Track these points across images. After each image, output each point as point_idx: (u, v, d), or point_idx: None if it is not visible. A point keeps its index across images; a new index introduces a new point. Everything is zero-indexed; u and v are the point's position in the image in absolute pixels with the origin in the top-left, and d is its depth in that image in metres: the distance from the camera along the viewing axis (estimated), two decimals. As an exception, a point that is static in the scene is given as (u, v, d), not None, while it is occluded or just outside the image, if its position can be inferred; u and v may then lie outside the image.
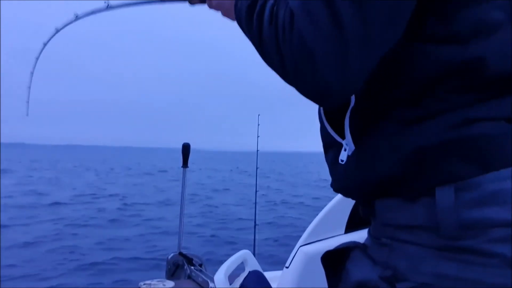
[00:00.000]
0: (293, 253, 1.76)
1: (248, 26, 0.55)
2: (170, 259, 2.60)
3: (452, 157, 0.47)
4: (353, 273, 0.57)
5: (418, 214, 0.50)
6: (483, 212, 0.45)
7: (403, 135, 0.50)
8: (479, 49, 0.48)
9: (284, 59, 0.48)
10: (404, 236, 0.51)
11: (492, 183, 0.45)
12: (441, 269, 0.47)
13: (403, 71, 0.51)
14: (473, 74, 0.48)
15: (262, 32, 0.51)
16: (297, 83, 0.49)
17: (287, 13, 0.47)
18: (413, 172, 0.50)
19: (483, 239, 0.44)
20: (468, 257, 0.45)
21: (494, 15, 0.50)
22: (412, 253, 0.50)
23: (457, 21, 0.49)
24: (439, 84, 0.49)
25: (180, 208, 2.89)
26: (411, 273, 0.49)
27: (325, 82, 0.46)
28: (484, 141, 0.47)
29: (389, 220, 0.54)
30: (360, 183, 0.57)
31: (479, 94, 0.48)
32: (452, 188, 0.47)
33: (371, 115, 0.55)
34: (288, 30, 0.46)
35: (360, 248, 0.59)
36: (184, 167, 2.85)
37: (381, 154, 0.53)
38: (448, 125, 0.48)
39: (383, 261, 0.54)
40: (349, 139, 0.58)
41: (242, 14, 0.56)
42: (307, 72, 0.46)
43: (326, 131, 0.64)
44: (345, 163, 0.59)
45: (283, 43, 0.47)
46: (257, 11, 0.52)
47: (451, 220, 0.46)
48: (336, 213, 1.76)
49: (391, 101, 0.53)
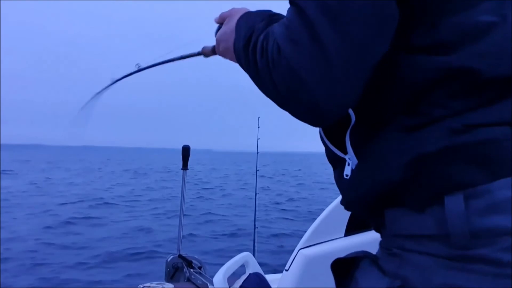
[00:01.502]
0: (293, 256, 1.76)
1: (245, 63, 0.61)
2: (170, 262, 2.59)
3: (459, 164, 0.47)
4: (361, 283, 0.56)
5: (427, 223, 0.49)
6: (494, 220, 0.44)
7: (404, 142, 0.51)
8: (467, 55, 0.48)
9: (276, 86, 0.52)
10: (414, 246, 0.51)
11: (503, 190, 0.44)
12: (452, 280, 0.46)
13: (397, 81, 0.52)
14: (466, 79, 0.48)
15: (257, 65, 0.56)
16: (290, 106, 0.53)
17: (275, 45, 0.51)
18: (417, 180, 0.49)
19: (495, 248, 0.43)
20: (480, 267, 0.44)
21: (482, 19, 0.49)
22: (422, 263, 0.49)
23: (443, 29, 0.50)
24: (434, 91, 0.50)
25: (180, 210, 2.89)
26: (421, 284, 0.48)
27: (315, 102, 0.49)
28: (491, 147, 0.46)
29: (398, 230, 0.54)
30: (366, 194, 0.57)
31: (479, 99, 0.48)
32: (461, 196, 0.46)
33: (370, 126, 0.56)
34: (277, 59, 0.51)
35: (370, 258, 0.58)
36: (184, 169, 2.86)
37: (383, 163, 0.53)
38: (450, 131, 0.48)
39: (393, 272, 0.53)
40: (352, 153, 0.58)
41: (240, 54, 0.62)
42: (297, 95, 0.50)
43: (330, 150, 0.64)
44: (349, 177, 0.59)
45: (274, 71, 0.52)
46: (251, 49, 0.58)
47: (462, 229, 0.45)
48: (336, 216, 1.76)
49: (389, 111, 0.53)
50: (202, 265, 2.59)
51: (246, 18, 0.65)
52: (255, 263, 1.71)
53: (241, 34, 0.63)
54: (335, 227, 1.76)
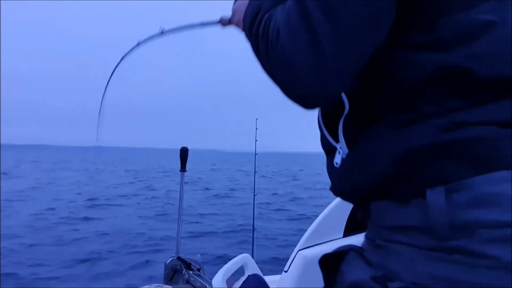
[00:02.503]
0: (292, 257, 1.76)
1: (250, 39, 0.64)
2: (168, 264, 2.59)
3: (443, 159, 0.48)
4: (347, 275, 0.58)
5: (411, 216, 0.51)
6: (475, 213, 0.45)
7: (394, 137, 0.52)
8: (462, 55, 0.49)
9: (272, 67, 0.56)
10: (398, 237, 0.52)
11: (484, 185, 0.46)
12: (433, 270, 0.47)
13: (392, 77, 0.53)
14: (459, 79, 0.49)
15: (258, 45, 0.59)
16: (283, 87, 0.56)
17: (275, 29, 0.55)
18: (404, 174, 0.51)
19: (475, 240, 0.45)
20: (460, 258, 0.46)
21: (481, 18, 0.50)
22: (405, 253, 0.51)
23: (440, 28, 0.51)
24: (428, 89, 0.51)
25: (178, 212, 2.89)
26: (404, 273, 0.50)
27: (304, 87, 0.52)
28: (475, 144, 0.48)
29: (384, 221, 0.56)
30: (354, 185, 0.59)
31: (470, 99, 0.49)
32: (442, 189, 0.48)
33: (364, 119, 0.57)
34: (275, 43, 0.54)
35: (356, 251, 0.60)
36: (182, 171, 2.85)
37: (373, 156, 0.54)
38: (438, 128, 0.49)
39: (377, 262, 0.55)
40: (343, 143, 0.61)
41: (246, 29, 0.66)
42: (290, 79, 0.53)
43: (325, 137, 0.66)
44: (339, 166, 0.62)
45: (271, 53, 0.55)
46: (255, 27, 0.61)
47: (443, 221, 0.47)
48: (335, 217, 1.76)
49: (382, 106, 0.55)
50: (201, 267, 2.59)
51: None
52: (254, 265, 1.70)
53: (250, 9, 0.65)
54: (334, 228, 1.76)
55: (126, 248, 6.96)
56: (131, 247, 7.04)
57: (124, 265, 6.02)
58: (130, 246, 7.14)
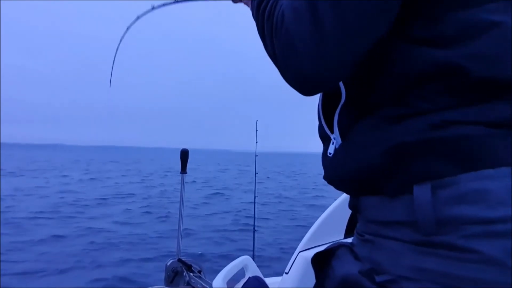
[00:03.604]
0: (293, 259, 1.76)
1: (256, 20, 0.66)
2: (169, 266, 2.58)
3: (431, 156, 0.49)
4: (337, 269, 0.60)
5: (398, 211, 0.52)
6: (459, 209, 0.47)
7: (386, 130, 0.53)
8: (461, 53, 0.49)
9: (275, 50, 0.57)
10: (386, 232, 0.54)
11: (469, 182, 0.47)
12: (419, 263, 0.49)
13: (389, 70, 0.54)
14: (455, 77, 0.50)
15: (264, 27, 0.61)
16: (283, 71, 0.58)
17: (280, 13, 0.56)
18: (393, 167, 0.52)
19: (459, 235, 0.46)
20: (444, 252, 0.47)
21: (486, 18, 0.50)
22: (392, 248, 0.52)
23: (443, 24, 0.51)
24: (423, 85, 0.51)
25: (179, 213, 2.88)
26: (391, 267, 0.52)
27: (302, 72, 0.53)
28: (462, 142, 0.49)
29: (372, 216, 0.57)
30: (344, 175, 0.60)
31: (463, 97, 0.50)
32: (429, 186, 0.49)
33: (358, 111, 0.59)
34: (280, 27, 0.55)
35: (346, 246, 0.62)
36: (182, 172, 2.85)
37: (364, 147, 0.56)
38: (429, 125, 0.50)
39: (365, 257, 0.56)
40: (337, 133, 0.63)
41: (254, 11, 0.68)
42: (290, 63, 0.54)
43: (321, 126, 0.68)
44: (332, 156, 0.64)
45: (275, 36, 0.56)
46: (262, 10, 0.63)
47: (428, 217, 0.48)
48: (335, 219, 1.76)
49: (377, 98, 0.56)
50: (202, 269, 2.58)
51: None
52: (254, 267, 1.70)
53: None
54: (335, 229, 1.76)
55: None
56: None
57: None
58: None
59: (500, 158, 0.47)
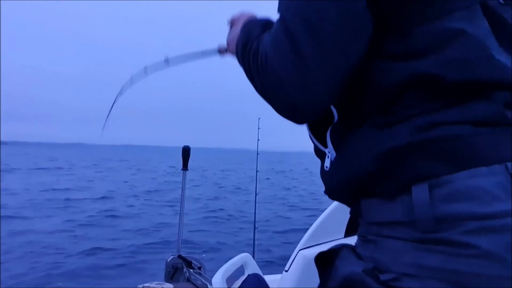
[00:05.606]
0: (293, 256, 1.76)
1: (243, 65, 0.71)
2: (169, 262, 2.59)
3: (423, 157, 0.52)
4: (341, 269, 0.61)
5: (397, 211, 0.54)
6: (456, 206, 0.49)
7: (377, 137, 0.56)
8: (434, 62, 0.53)
9: (264, 87, 0.61)
10: (386, 231, 0.56)
11: (464, 180, 0.49)
12: (420, 260, 0.51)
13: (371, 84, 0.58)
14: (433, 84, 0.53)
15: (251, 68, 0.65)
16: (274, 103, 0.61)
17: (264, 52, 0.60)
18: (387, 171, 0.55)
19: (457, 231, 0.48)
20: (444, 248, 0.49)
21: (452, 26, 0.53)
22: (393, 246, 0.54)
23: (413, 37, 0.55)
24: (405, 94, 0.55)
25: (180, 210, 2.89)
26: (393, 265, 0.53)
27: (294, 103, 0.57)
28: (451, 142, 0.51)
29: (373, 218, 0.59)
30: (342, 184, 0.63)
31: (444, 101, 0.53)
32: (426, 185, 0.51)
33: (349, 125, 0.62)
34: (264, 64, 0.59)
35: (349, 247, 0.64)
36: (184, 169, 2.85)
37: (358, 155, 0.58)
38: (416, 128, 0.52)
39: (368, 256, 0.58)
40: (331, 147, 0.66)
41: (239, 57, 0.72)
42: (279, 96, 0.58)
43: (315, 145, 0.71)
44: (329, 169, 0.66)
45: (262, 74, 0.60)
46: (246, 54, 0.67)
47: (427, 215, 0.50)
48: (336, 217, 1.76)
49: (365, 111, 0.59)
50: (202, 265, 2.59)
51: (247, 25, 0.73)
52: (254, 264, 1.70)
53: (241, 40, 0.72)
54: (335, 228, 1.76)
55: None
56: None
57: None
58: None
59: (489, 155, 0.50)
